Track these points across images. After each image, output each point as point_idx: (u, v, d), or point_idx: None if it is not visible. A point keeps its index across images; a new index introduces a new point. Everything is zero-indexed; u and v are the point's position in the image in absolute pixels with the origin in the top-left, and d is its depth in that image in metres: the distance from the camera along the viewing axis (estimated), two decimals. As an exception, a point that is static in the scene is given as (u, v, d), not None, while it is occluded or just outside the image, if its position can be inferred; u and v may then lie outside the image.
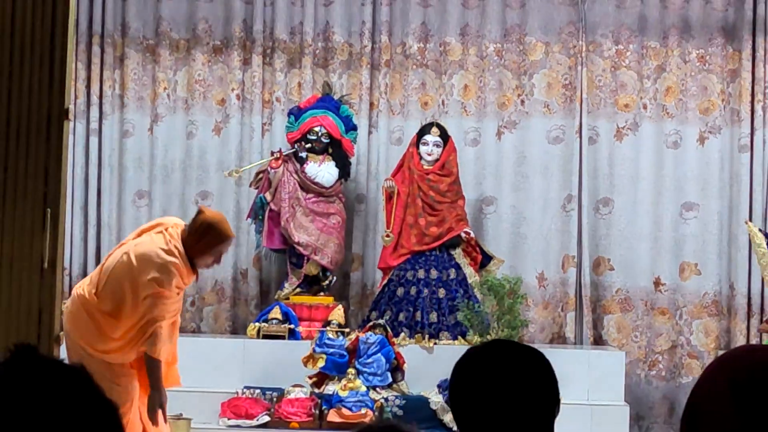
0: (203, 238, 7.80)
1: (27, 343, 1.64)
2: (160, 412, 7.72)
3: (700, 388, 2.63)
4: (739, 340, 11.31)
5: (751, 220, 11.29)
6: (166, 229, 7.92)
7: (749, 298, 11.47)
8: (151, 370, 7.74)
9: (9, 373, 1.61)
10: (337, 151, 11.21)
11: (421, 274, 11.03)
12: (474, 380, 3.03)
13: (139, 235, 7.98)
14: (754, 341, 11.16)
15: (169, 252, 7.66)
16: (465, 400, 3.03)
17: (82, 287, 7.94)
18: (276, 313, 10.85)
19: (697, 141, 11.63)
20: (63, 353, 8.12)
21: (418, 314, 10.92)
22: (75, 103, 11.29)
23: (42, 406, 1.59)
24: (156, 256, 7.63)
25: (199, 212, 8.34)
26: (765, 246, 10.80)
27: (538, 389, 3.05)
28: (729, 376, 2.56)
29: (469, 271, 11.08)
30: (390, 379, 10.22)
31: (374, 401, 9.92)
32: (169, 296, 7.69)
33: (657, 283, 11.59)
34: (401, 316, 10.91)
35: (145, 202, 11.73)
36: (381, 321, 10.54)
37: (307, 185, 11.10)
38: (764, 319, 11.33)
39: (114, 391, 7.87)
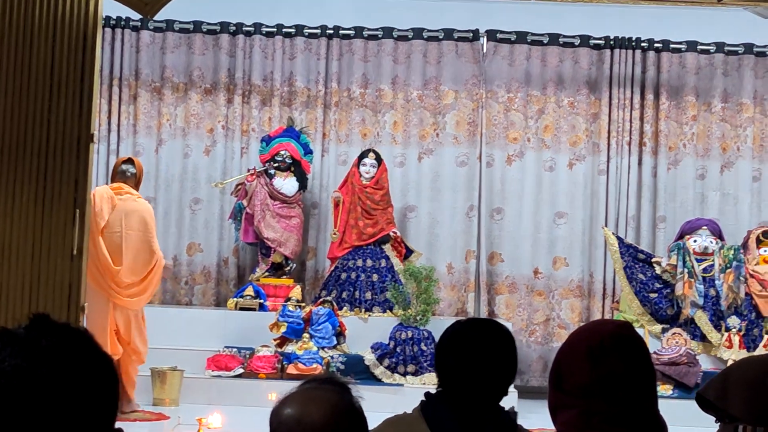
0: (143, 177, 9.41)
1: (41, 312, 1.67)
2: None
3: (564, 350, 2.65)
4: (596, 315, 11.30)
5: (606, 226, 11.38)
6: (121, 191, 8.99)
7: (604, 284, 11.51)
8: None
9: (28, 334, 1.63)
10: (298, 169, 11.18)
11: (359, 263, 11.01)
12: (457, 348, 3.04)
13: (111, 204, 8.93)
14: (607, 316, 11.23)
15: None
16: (448, 364, 3.04)
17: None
18: (249, 290, 10.79)
19: (567, 166, 11.65)
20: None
21: (357, 293, 10.89)
22: (99, 130, 11.19)
23: (52, 359, 1.61)
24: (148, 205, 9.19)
25: (134, 162, 9.31)
26: (616, 246, 10.88)
27: (505, 359, 3.05)
28: (585, 341, 2.59)
29: (395, 261, 11.07)
30: (335, 342, 10.20)
31: (323, 358, 9.88)
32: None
33: (536, 271, 11.60)
34: (344, 294, 10.88)
35: (152, 205, 11.63)
36: (329, 298, 10.52)
37: (275, 194, 11.06)
38: (615, 299, 11.41)
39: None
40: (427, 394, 3.08)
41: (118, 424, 1.75)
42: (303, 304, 10.48)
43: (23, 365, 1.58)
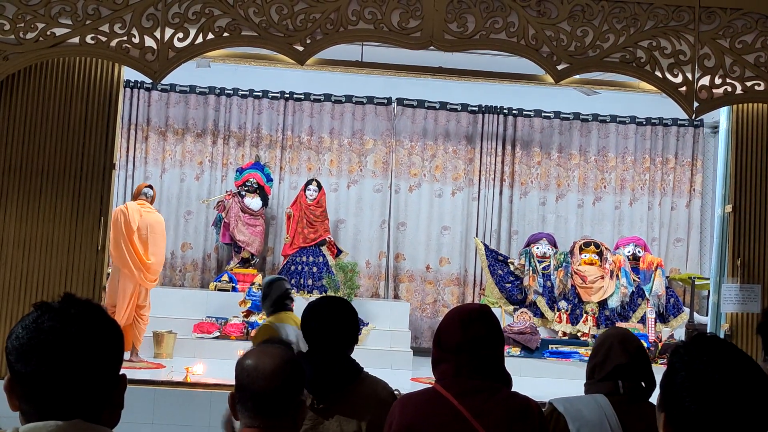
0: (155, 197, 9.45)
1: (70, 292, 1.72)
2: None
3: (444, 320, 2.73)
4: (469, 299, 11.28)
5: (477, 236, 11.52)
6: (144, 206, 9.05)
7: (475, 277, 11.54)
8: None
9: (60, 305, 1.68)
10: (262, 192, 11.12)
11: (304, 258, 10.96)
12: (316, 316, 3.14)
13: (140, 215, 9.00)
14: (476, 300, 11.35)
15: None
16: (310, 327, 3.14)
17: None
18: (225, 277, 10.68)
19: (451, 194, 11.70)
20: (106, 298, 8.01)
21: (302, 280, 10.81)
22: (119, 161, 11.01)
23: (78, 322, 1.65)
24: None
25: (152, 187, 9.37)
26: (483, 250, 10.99)
27: (351, 325, 3.15)
28: (458, 314, 2.67)
29: (329, 258, 11.00)
30: (285, 315, 10.18)
31: (276, 326, 9.88)
32: None
33: (427, 267, 11.61)
34: (292, 281, 10.80)
35: (156, 215, 11.54)
36: (282, 283, 10.50)
37: (245, 209, 11.00)
38: (482, 288, 11.50)
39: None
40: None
41: (125, 371, 1.78)
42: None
43: (57, 326, 1.63)
